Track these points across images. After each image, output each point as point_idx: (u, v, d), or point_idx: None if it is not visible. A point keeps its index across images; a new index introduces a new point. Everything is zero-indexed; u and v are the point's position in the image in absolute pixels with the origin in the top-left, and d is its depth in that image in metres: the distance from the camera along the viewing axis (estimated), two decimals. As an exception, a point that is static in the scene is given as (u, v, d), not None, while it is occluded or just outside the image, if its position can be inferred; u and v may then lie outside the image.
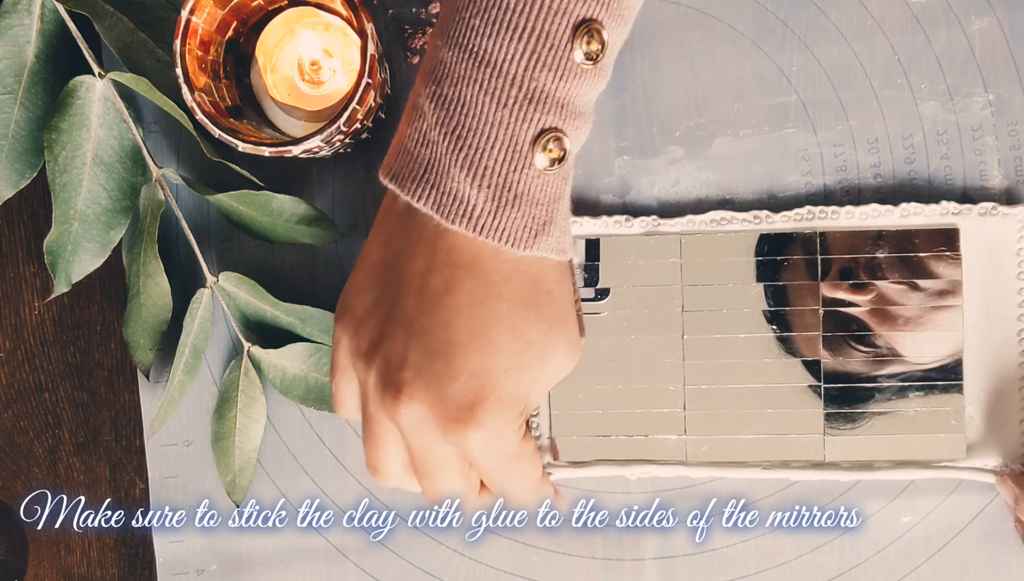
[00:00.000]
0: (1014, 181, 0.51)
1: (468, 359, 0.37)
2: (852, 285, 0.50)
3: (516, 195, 0.35)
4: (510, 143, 0.35)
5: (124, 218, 0.50)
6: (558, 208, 0.37)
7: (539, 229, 0.36)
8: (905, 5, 0.50)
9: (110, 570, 0.54)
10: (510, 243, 0.36)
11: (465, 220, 0.36)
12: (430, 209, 0.36)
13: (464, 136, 0.35)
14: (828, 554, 0.51)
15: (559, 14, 0.34)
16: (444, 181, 0.36)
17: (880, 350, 0.50)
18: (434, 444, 0.39)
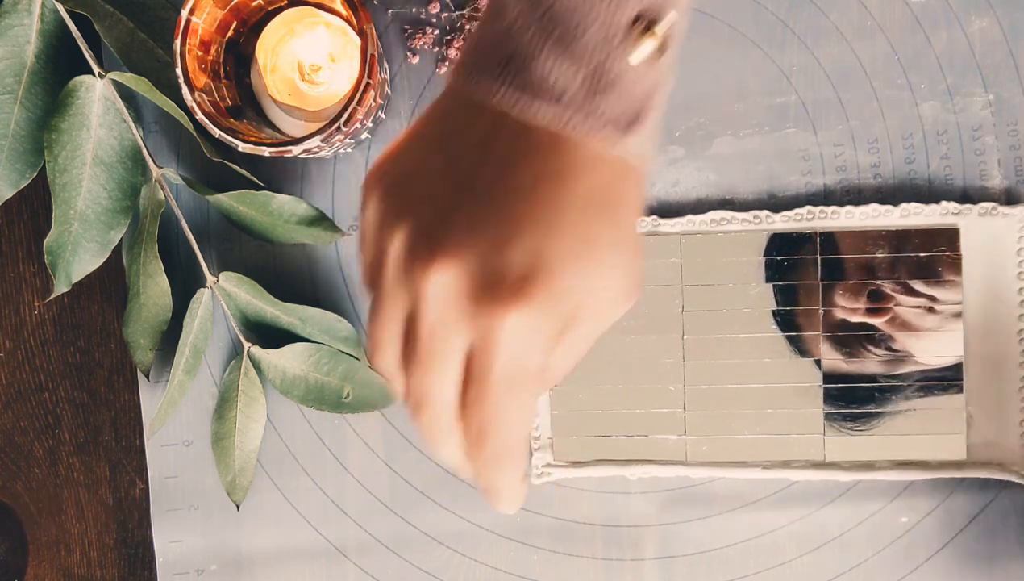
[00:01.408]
0: (1014, 181, 0.51)
1: (526, 233, 0.32)
2: (868, 309, 0.50)
3: (609, 82, 0.33)
4: (606, 26, 0.33)
5: (124, 218, 0.50)
6: (650, 107, 0.34)
7: (629, 123, 0.33)
8: (905, 5, 0.50)
9: (110, 570, 0.54)
10: (597, 132, 0.33)
11: (556, 101, 0.33)
12: (511, 96, 0.33)
13: (556, 20, 0.33)
14: (828, 554, 0.51)
15: None
16: (531, 67, 0.33)
17: (892, 352, 0.50)
18: (451, 323, 0.32)
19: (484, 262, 0.32)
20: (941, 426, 0.50)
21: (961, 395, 0.50)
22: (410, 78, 0.52)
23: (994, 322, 0.50)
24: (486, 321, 0.32)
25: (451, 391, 0.33)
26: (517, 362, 0.32)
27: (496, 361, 0.32)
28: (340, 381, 0.51)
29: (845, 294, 0.50)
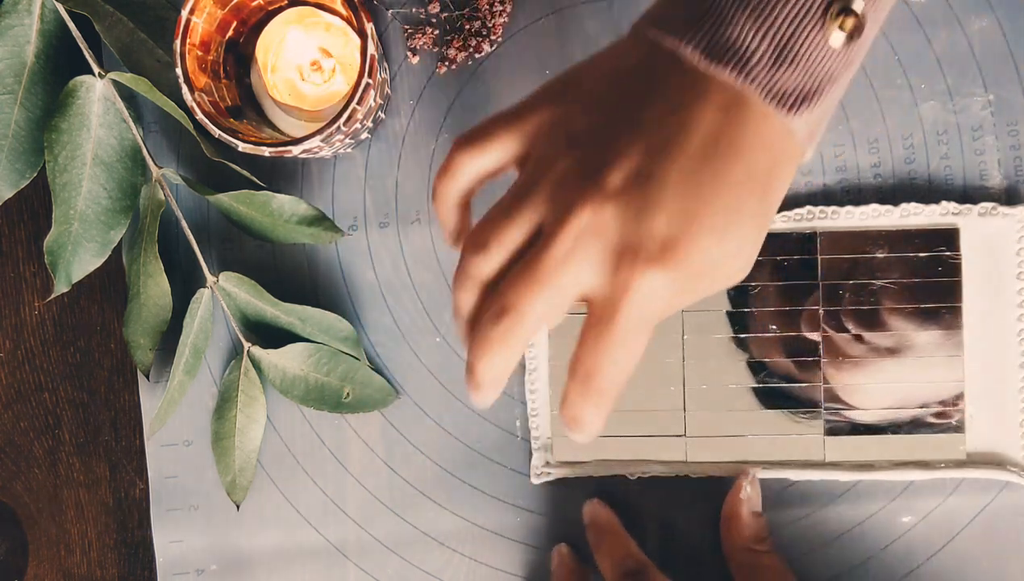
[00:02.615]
0: (1014, 181, 0.51)
1: (684, 197, 0.34)
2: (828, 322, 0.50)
3: (796, 55, 0.34)
4: (801, 4, 0.34)
5: (124, 218, 0.50)
6: (829, 89, 0.35)
7: (806, 96, 0.34)
8: (905, 5, 0.50)
9: (110, 570, 0.54)
10: (775, 99, 0.34)
11: (739, 65, 0.34)
12: (699, 52, 0.34)
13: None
14: (828, 554, 0.51)
15: None
16: (723, 28, 0.34)
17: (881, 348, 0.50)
18: (585, 262, 0.34)
19: (638, 218, 0.34)
20: (941, 426, 0.50)
21: (961, 395, 0.50)
22: (410, 78, 0.52)
23: (994, 322, 0.50)
24: (625, 275, 0.34)
25: (546, 316, 0.35)
26: (643, 315, 0.34)
27: (625, 312, 0.34)
28: (340, 381, 0.51)
29: (807, 321, 0.50)
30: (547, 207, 0.35)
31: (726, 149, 0.34)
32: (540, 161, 0.36)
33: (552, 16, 0.52)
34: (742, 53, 0.34)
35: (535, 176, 0.36)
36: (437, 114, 0.52)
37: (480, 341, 0.36)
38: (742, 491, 0.49)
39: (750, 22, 0.34)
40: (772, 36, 0.34)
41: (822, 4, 0.34)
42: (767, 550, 0.49)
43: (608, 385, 0.35)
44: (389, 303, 0.53)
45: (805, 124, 0.35)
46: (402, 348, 0.53)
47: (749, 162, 0.34)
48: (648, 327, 0.35)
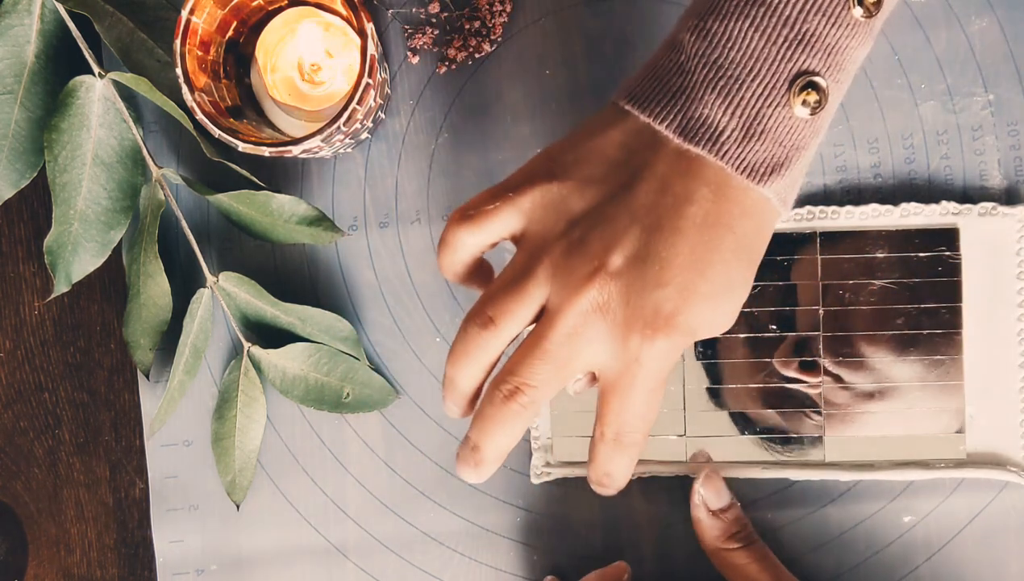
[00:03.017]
0: (1014, 181, 0.51)
1: (682, 273, 0.36)
2: (802, 364, 0.50)
3: (765, 129, 0.36)
4: (771, 79, 0.36)
5: (124, 218, 0.50)
6: (798, 157, 0.37)
7: (776, 167, 0.37)
8: (905, 5, 0.51)
9: (110, 570, 0.54)
10: (747, 172, 0.36)
11: (710, 143, 0.36)
12: (673, 130, 0.37)
13: (724, 66, 0.36)
14: (828, 554, 0.51)
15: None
16: (694, 106, 0.36)
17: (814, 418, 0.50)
18: (591, 337, 0.37)
19: (637, 295, 0.36)
20: (941, 426, 0.50)
21: (961, 395, 0.50)
22: (410, 78, 0.52)
23: (994, 322, 0.50)
24: (635, 348, 0.37)
25: (554, 390, 0.38)
26: (657, 377, 0.38)
27: (642, 379, 0.37)
28: (340, 381, 0.51)
29: (779, 362, 0.50)
30: (553, 285, 0.37)
31: (715, 224, 0.37)
32: (541, 239, 0.38)
33: (552, 16, 0.52)
34: (713, 130, 0.36)
35: (538, 254, 0.38)
36: (437, 114, 0.52)
37: (490, 419, 0.38)
38: (696, 495, 0.49)
39: (719, 100, 0.36)
40: (741, 113, 0.36)
41: (786, 80, 0.36)
42: (738, 547, 0.48)
43: (637, 439, 0.39)
44: (389, 303, 0.53)
45: (777, 192, 0.37)
46: (402, 348, 0.53)
47: (737, 232, 0.37)
48: (661, 383, 0.38)
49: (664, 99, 0.37)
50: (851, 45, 0.37)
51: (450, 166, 0.52)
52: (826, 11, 0.36)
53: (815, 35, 0.36)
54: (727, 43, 0.36)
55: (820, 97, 0.36)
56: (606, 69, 0.52)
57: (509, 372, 0.38)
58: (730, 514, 0.49)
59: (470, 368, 0.39)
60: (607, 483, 0.40)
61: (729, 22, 0.36)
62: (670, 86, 0.37)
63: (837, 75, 0.37)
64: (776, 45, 0.36)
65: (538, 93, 0.52)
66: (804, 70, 0.36)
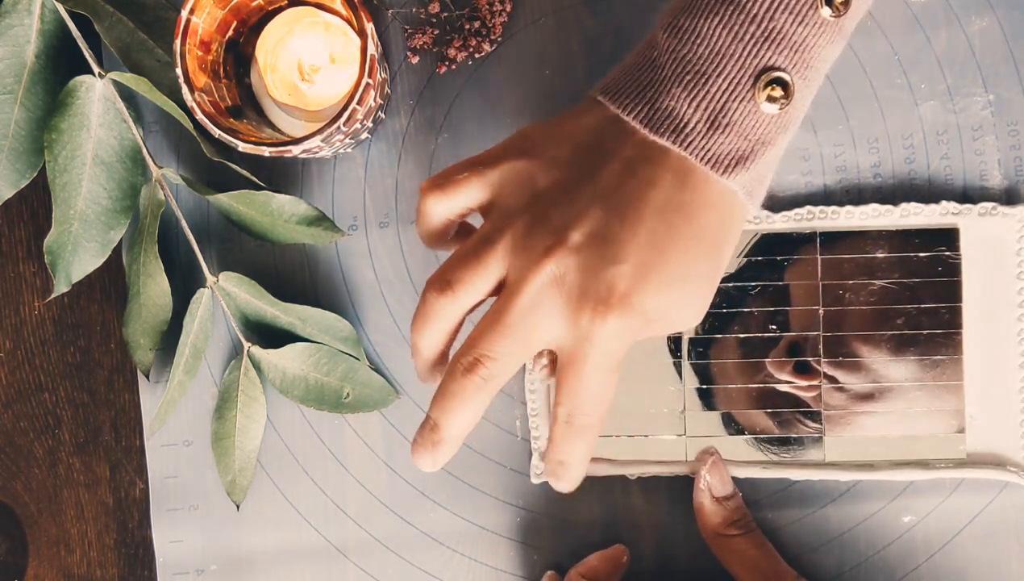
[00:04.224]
0: (1014, 181, 0.51)
1: (639, 253, 0.37)
2: (796, 366, 0.50)
3: (729, 122, 0.37)
4: (736, 73, 0.37)
5: (124, 218, 0.50)
6: (764, 151, 0.38)
7: (739, 160, 0.37)
8: (905, 5, 0.51)
9: (110, 570, 0.54)
10: (711, 163, 0.37)
11: (674, 134, 0.37)
12: (639, 121, 0.38)
13: (692, 61, 0.37)
14: (828, 554, 0.51)
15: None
16: (662, 98, 0.37)
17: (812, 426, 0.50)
18: (548, 312, 0.37)
19: (594, 270, 0.37)
20: (941, 426, 0.50)
21: (961, 395, 0.50)
22: (410, 78, 0.52)
23: (994, 322, 0.50)
24: (587, 324, 0.37)
25: (514, 366, 0.38)
26: (607, 357, 0.38)
27: (592, 356, 0.37)
28: (340, 381, 0.51)
29: (773, 365, 0.50)
30: (513, 258, 0.38)
31: (677, 209, 0.37)
32: (505, 212, 0.39)
33: (552, 16, 0.52)
34: (678, 122, 0.37)
35: (500, 226, 0.39)
36: (437, 114, 0.52)
37: (450, 395, 0.38)
38: (701, 481, 0.49)
39: (685, 93, 0.37)
40: (706, 106, 0.37)
41: (752, 75, 0.37)
42: (738, 533, 0.49)
43: (589, 422, 0.39)
44: (389, 303, 0.53)
45: (742, 185, 0.38)
46: (402, 348, 0.53)
47: (699, 221, 0.38)
48: (615, 366, 0.38)
49: (634, 92, 0.38)
50: (819, 43, 0.37)
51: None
52: (793, 10, 0.36)
53: (782, 32, 0.36)
54: (696, 39, 0.37)
55: (786, 93, 0.37)
56: (606, 69, 0.51)
57: (469, 346, 0.38)
58: (732, 502, 0.49)
59: (431, 333, 0.40)
60: (561, 472, 0.40)
61: (699, 19, 0.37)
62: (640, 80, 0.38)
63: (804, 72, 0.37)
64: (743, 41, 0.37)
65: (538, 93, 0.52)
66: (769, 66, 0.37)
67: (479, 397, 0.38)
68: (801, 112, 0.38)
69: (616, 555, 0.50)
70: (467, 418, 0.39)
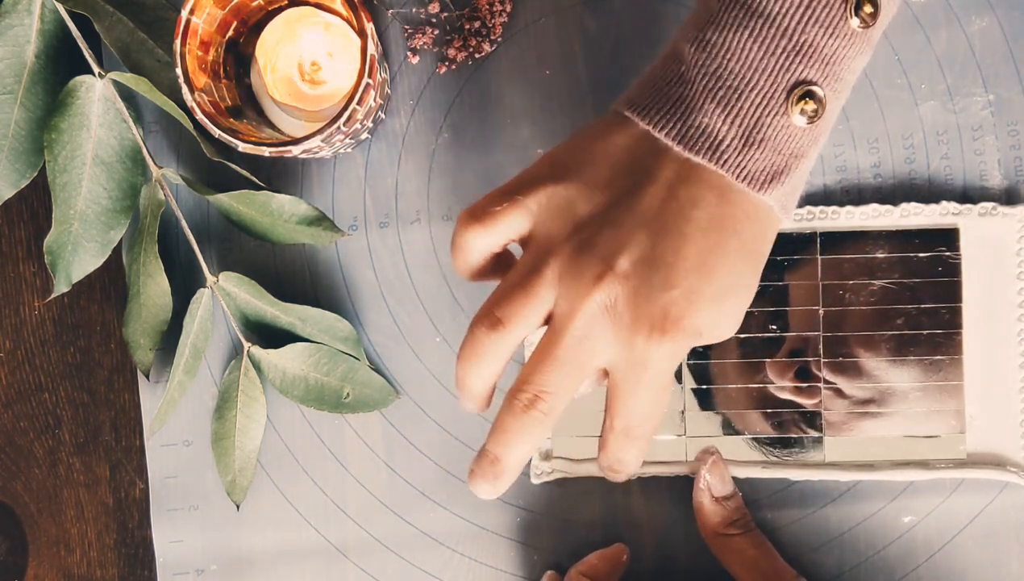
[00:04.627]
0: (1014, 181, 0.51)
1: (688, 276, 0.37)
2: (798, 375, 0.50)
3: (764, 138, 0.37)
4: (769, 88, 0.36)
5: (124, 218, 0.50)
6: (798, 164, 0.38)
7: (775, 175, 0.37)
8: (905, 5, 0.51)
9: (110, 570, 0.54)
10: (747, 180, 0.37)
11: (710, 152, 0.37)
12: (672, 139, 0.37)
13: (723, 76, 0.37)
14: (828, 554, 0.51)
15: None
16: (694, 115, 0.37)
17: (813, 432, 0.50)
18: (601, 339, 0.37)
19: (645, 297, 0.37)
20: (941, 426, 0.50)
21: (961, 395, 0.50)
22: (410, 78, 0.52)
23: (994, 322, 0.50)
24: (642, 349, 0.37)
25: (571, 394, 0.38)
26: (662, 376, 0.38)
27: (649, 378, 0.38)
28: (340, 381, 0.51)
29: (774, 368, 0.50)
30: (559, 288, 0.38)
31: (720, 228, 0.37)
32: (548, 240, 0.38)
33: (552, 16, 0.52)
34: (713, 139, 0.37)
35: (545, 256, 0.38)
36: (437, 114, 0.52)
37: (510, 431, 0.38)
38: (701, 480, 0.49)
39: (719, 109, 0.37)
40: (740, 122, 0.37)
41: (784, 89, 0.36)
42: (737, 533, 0.49)
43: (646, 432, 0.40)
44: (389, 303, 0.53)
45: (777, 199, 0.38)
46: (402, 348, 0.53)
47: (742, 236, 0.38)
48: (667, 383, 0.39)
49: (665, 107, 0.38)
50: (848, 55, 0.37)
51: (450, 166, 0.52)
52: (823, 22, 0.36)
53: (813, 46, 0.36)
54: (726, 54, 0.37)
55: (818, 106, 0.37)
56: (606, 69, 0.52)
57: (525, 382, 0.38)
58: (732, 502, 0.49)
59: (481, 370, 0.39)
60: (618, 469, 0.40)
61: (728, 33, 0.37)
62: (670, 95, 0.38)
63: (835, 84, 0.37)
64: (774, 56, 0.36)
65: (538, 93, 0.52)
66: (802, 80, 0.36)
67: (538, 430, 0.38)
68: (831, 123, 0.38)
69: (616, 554, 0.50)
70: (527, 450, 0.39)
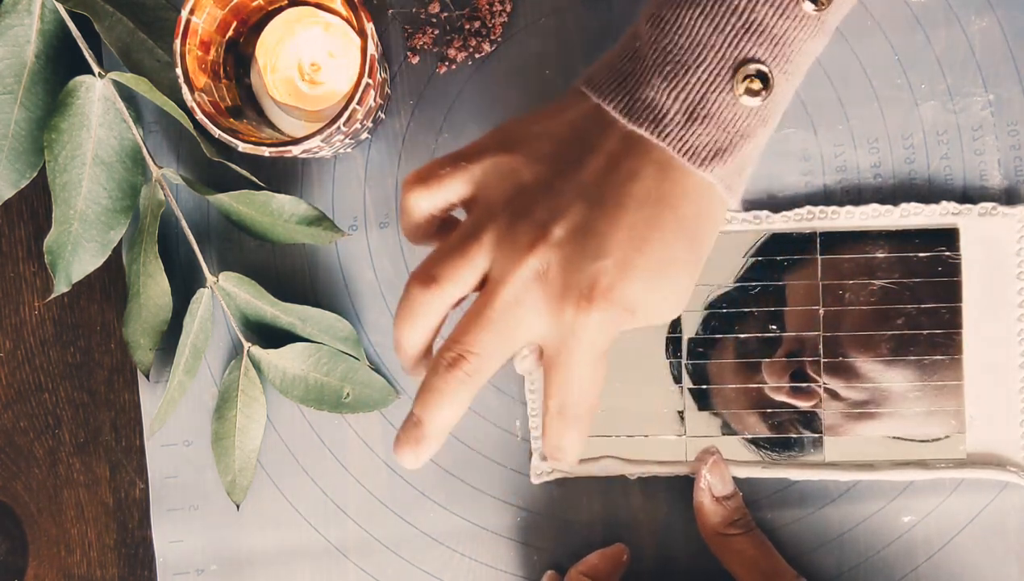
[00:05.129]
0: (1014, 181, 0.51)
1: (620, 247, 0.37)
2: (793, 389, 0.50)
3: (708, 114, 0.37)
4: (717, 65, 0.37)
5: (124, 218, 0.50)
6: (743, 144, 0.38)
7: (719, 152, 0.37)
8: (905, 5, 0.51)
9: (110, 570, 0.54)
10: (688, 155, 0.37)
11: (653, 124, 0.37)
12: (619, 111, 0.38)
13: (672, 51, 0.37)
14: (828, 554, 0.51)
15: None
16: (642, 88, 0.38)
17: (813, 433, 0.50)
18: (531, 306, 0.37)
19: (576, 265, 0.37)
20: (941, 426, 0.50)
21: (961, 395, 0.50)
22: (410, 78, 0.52)
23: (994, 322, 0.50)
24: (570, 318, 0.37)
25: (498, 361, 0.38)
26: (593, 349, 0.38)
27: (577, 350, 0.38)
28: (340, 381, 0.51)
29: (770, 370, 0.50)
30: (497, 252, 0.38)
31: (657, 201, 0.37)
32: (489, 206, 0.39)
33: (552, 16, 0.52)
34: (657, 112, 0.37)
35: (484, 220, 0.39)
36: (437, 114, 0.52)
37: (434, 391, 0.38)
38: (702, 480, 0.49)
39: (665, 84, 0.37)
40: (684, 97, 0.37)
41: (731, 66, 0.37)
42: (738, 533, 0.49)
43: (580, 412, 0.39)
44: (389, 303, 0.53)
45: (720, 177, 0.38)
46: (402, 348, 0.53)
47: (679, 212, 0.38)
48: (600, 357, 0.38)
49: (615, 82, 0.38)
50: (799, 37, 0.37)
51: (450, 166, 0.52)
52: (775, 2, 0.36)
53: (762, 25, 0.36)
54: (677, 29, 0.37)
55: (765, 86, 0.37)
56: (606, 69, 0.52)
57: (453, 341, 0.38)
58: (732, 502, 0.49)
59: (415, 328, 0.40)
60: (559, 456, 0.40)
61: (681, 10, 0.37)
62: (623, 70, 0.38)
63: (784, 65, 0.37)
64: (723, 33, 0.37)
65: (538, 93, 0.52)
66: (749, 58, 0.37)
67: (462, 392, 0.38)
68: (782, 106, 0.38)
69: (616, 554, 0.50)
70: (450, 413, 0.39)
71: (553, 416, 0.39)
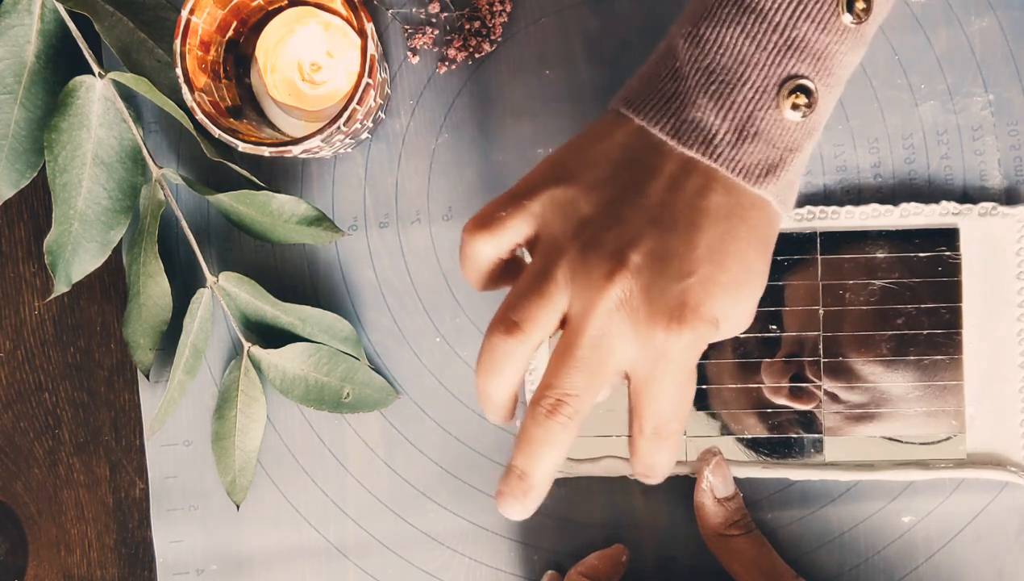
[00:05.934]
0: (1014, 181, 0.51)
1: (702, 264, 0.37)
2: (792, 391, 0.50)
3: (756, 132, 0.37)
4: (761, 83, 0.37)
5: (124, 218, 0.50)
6: (792, 158, 0.38)
7: (770, 169, 0.37)
8: (905, 5, 0.51)
9: (110, 570, 0.54)
10: (742, 174, 0.37)
11: (703, 146, 0.37)
12: (666, 133, 0.37)
13: (716, 72, 0.37)
14: (828, 554, 0.51)
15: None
16: (688, 110, 0.37)
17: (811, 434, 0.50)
18: (619, 337, 0.37)
19: (659, 290, 0.37)
20: (941, 426, 0.50)
21: (961, 395, 0.50)
22: (410, 78, 0.52)
23: (994, 322, 0.50)
24: (660, 343, 0.37)
25: (594, 397, 0.38)
26: (684, 370, 0.38)
27: (671, 373, 0.37)
28: (340, 381, 0.51)
29: (770, 371, 0.50)
30: (574, 287, 0.37)
31: (729, 215, 0.37)
32: (554, 242, 0.38)
33: (552, 16, 0.52)
34: (706, 133, 0.37)
35: (553, 257, 0.38)
36: (437, 114, 0.52)
37: (536, 440, 0.38)
38: (704, 481, 0.49)
39: (711, 104, 0.37)
40: (732, 116, 0.37)
41: (776, 84, 0.37)
42: (738, 533, 0.49)
43: (675, 430, 0.39)
44: (389, 303, 0.53)
45: (775, 194, 0.38)
46: (402, 348, 0.53)
47: (748, 223, 0.38)
48: (692, 374, 0.38)
49: (659, 103, 0.38)
50: (840, 50, 0.37)
51: (450, 166, 0.52)
52: (815, 18, 0.36)
53: (804, 41, 0.36)
54: (719, 49, 0.37)
55: (810, 100, 0.37)
56: (606, 69, 0.52)
57: (546, 387, 0.37)
58: (733, 503, 0.49)
59: (501, 377, 0.39)
60: (652, 474, 0.40)
61: (721, 28, 0.37)
62: (664, 91, 0.38)
63: (827, 79, 0.37)
64: (766, 50, 0.36)
65: (538, 93, 0.52)
66: (793, 74, 0.37)
67: (564, 437, 0.37)
68: (825, 117, 0.38)
69: (616, 554, 0.50)
70: (555, 459, 0.38)
71: (648, 438, 0.39)
